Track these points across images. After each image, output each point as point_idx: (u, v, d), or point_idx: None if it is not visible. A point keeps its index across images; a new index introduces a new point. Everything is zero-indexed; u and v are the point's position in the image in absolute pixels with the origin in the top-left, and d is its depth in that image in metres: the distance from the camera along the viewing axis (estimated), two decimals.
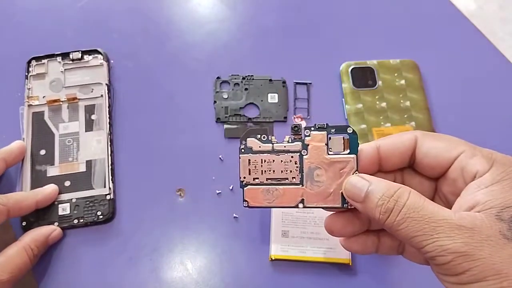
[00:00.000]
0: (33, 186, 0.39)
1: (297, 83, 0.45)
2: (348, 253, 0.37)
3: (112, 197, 0.39)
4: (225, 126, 0.43)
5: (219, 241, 0.38)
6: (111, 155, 0.40)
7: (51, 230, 0.37)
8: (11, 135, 0.41)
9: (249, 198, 0.27)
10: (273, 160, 0.27)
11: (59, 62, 0.44)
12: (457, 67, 0.46)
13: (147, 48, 0.46)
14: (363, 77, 0.44)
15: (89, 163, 0.40)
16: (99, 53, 0.44)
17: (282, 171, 0.27)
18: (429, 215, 0.22)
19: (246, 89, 0.44)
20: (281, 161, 0.27)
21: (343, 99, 0.43)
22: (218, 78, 0.45)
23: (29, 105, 0.42)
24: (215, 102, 0.43)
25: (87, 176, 0.40)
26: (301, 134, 0.27)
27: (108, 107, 0.42)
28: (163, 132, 0.43)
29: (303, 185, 0.26)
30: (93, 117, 0.42)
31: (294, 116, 0.43)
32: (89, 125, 0.42)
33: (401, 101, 0.43)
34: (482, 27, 0.48)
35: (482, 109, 0.44)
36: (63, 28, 0.47)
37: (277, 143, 0.27)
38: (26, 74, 0.43)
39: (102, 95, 0.43)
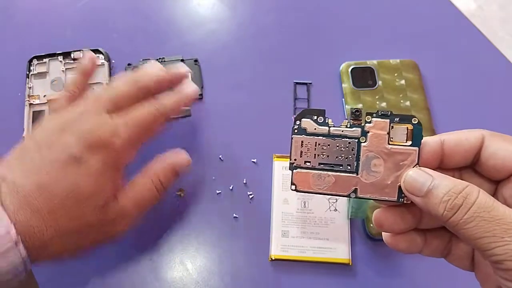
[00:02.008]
0: None
1: (297, 83, 0.45)
2: (348, 253, 0.37)
3: None
4: None
5: (219, 241, 0.38)
6: None
7: (179, 158, 0.35)
8: (11, 135, 0.41)
9: (298, 181, 0.25)
10: (328, 145, 0.25)
11: (60, 61, 0.44)
12: (457, 67, 0.46)
13: (147, 48, 0.46)
14: (363, 77, 0.44)
15: None
16: (100, 52, 0.44)
17: (336, 157, 0.25)
18: (500, 216, 0.21)
19: None
20: (337, 146, 0.25)
21: (343, 99, 0.43)
22: (129, 64, 0.45)
23: (30, 104, 0.42)
24: None
25: None
26: (361, 120, 0.25)
27: None
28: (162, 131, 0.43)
29: (358, 174, 0.25)
30: None
31: (294, 116, 0.43)
32: None
33: (401, 101, 0.43)
34: (482, 27, 0.48)
35: (482, 109, 0.44)
36: (63, 28, 0.47)
37: (334, 126, 0.25)
38: (27, 73, 0.43)
39: None
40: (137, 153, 0.33)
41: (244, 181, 0.40)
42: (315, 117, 0.25)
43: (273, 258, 0.36)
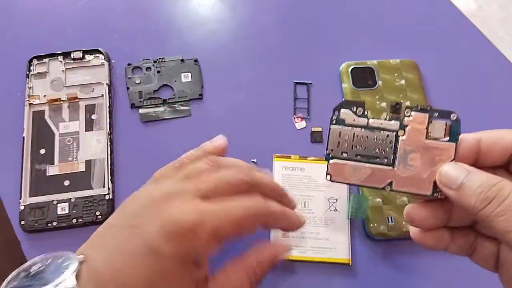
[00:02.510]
0: (33, 186, 0.39)
1: (297, 83, 0.45)
2: (348, 253, 0.37)
3: (111, 197, 0.39)
4: (140, 110, 0.43)
5: None
6: (110, 155, 0.40)
7: (280, 249, 0.30)
8: (11, 134, 0.41)
9: (333, 172, 0.25)
10: (367, 137, 0.25)
11: (60, 61, 0.44)
12: (457, 67, 0.46)
13: (147, 48, 0.46)
14: (363, 77, 0.44)
15: (88, 163, 0.40)
16: (101, 52, 0.44)
17: (374, 149, 0.25)
18: None
19: (158, 71, 0.44)
20: (375, 138, 0.25)
21: (343, 99, 0.43)
22: (129, 64, 0.45)
23: (30, 104, 0.42)
24: (128, 88, 0.44)
25: (87, 175, 0.40)
26: (400, 113, 0.25)
27: (109, 107, 0.42)
28: (162, 131, 0.43)
29: (394, 167, 0.25)
30: (93, 116, 0.42)
31: (294, 116, 0.43)
32: (89, 125, 0.42)
33: (401, 101, 0.43)
34: (482, 27, 0.48)
35: (482, 109, 0.44)
36: (63, 28, 0.47)
37: (373, 118, 0.25)
38: (27, 73, 0.43)
39: (102, 95, 0.43)
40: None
41: None
42: (355, 108, 0.25)
43: None
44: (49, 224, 0.38)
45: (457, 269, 0.34)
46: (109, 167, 0.40)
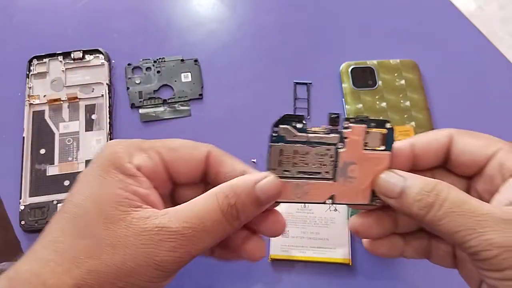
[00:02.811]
0: (33, 186, 0.39)
1: (297, 83, 0.45)
2: (348, 253, 0.37)
3: None
4: (140, 110, 0.43)
5: None
6: None
7: (259, 177, 0.24)
8: (11, 135, 0.41)
9: None
10: (307, 152, 0.24)
11: (60, 61, 0.44)
12: (457, 67, 0.46)
13: (147, 48, 0.46)
14: (363, 77, 0.44)
15: (88, 163, 0.40)
16: (100, 52, 0.44)
17: (315, 165, 0.24)
18: (472, 209, 0.21)
19: (158, 71, 0.45)
20: (316, 153, 0.24)
21: (343, 99, 0.43)
22: (129, 64, 0.45)
23: (30, 104, 0.42)
24: (128, 88, 0.44)
25: None
26: (338, 125, 0.24)
27: (109, 107, 0.42)
28: (162, 131, 0.43)
29: (335, 181, 0.24)
30: (93, 116, 0.42)
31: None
32: (89, 125, 0.42)
33: (401, 101, 0.43)
34: (482, 27, 0.48)
35: (482, 109, 0.44)
36: (63, 28, 0.47)
37: (313, 133, 0.24)
38: (27, 73, 0.43)
39: (102, 95, 0.43)
40: None
41: None
42: (294, 124, 0.24)
43: (273, 258, 0.36)
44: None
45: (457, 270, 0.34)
46: None
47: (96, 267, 0.21)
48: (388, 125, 0.25)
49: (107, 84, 0.43)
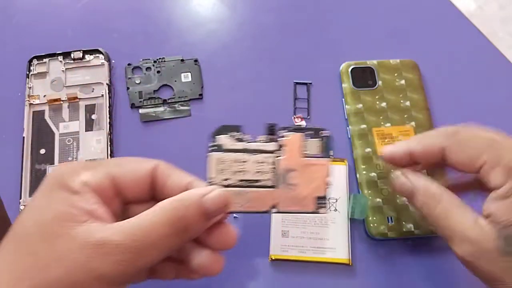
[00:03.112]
0: (33, 186, 0.39)
1: (297, 83, 0.45)
2: (348, 253, 0.37)
3: None
4: (140, 110, 0.43)
5: None
6: (110, 155, 0.40)
7: (207, 190, 0.24)
8: (11, 135, 0.41)
9: None
10: (246, 161, 0.25)
11: (60, 61, 0.44)
12: (457, 67, 0.46)
13: (147, 48, 0.46)
14: (363, 77, 0.44)
15: None
16: (101, 52, 0.44)
17: (255, 173, 0.25)
18: (452, 225, 0.26)
19: (158, 71, 0.45)
20: (255, 161, 0.25)
21: (343, 99, 0.43)
22: (129, 64, 0.45)
23: (30, 104, 0.42)
24: (128, 88, 0.44)
25: None
26: (276, 134, 0.26)
27: (109, 107, 0.42)
28: (162, 131, 0.43)
29: (276, 188, 0.25)
30: (93, 116, 0.42)
31: (294, 116, 0.43)
32: (89, 125, 0.42)
33: (401, 101, 0.43)
34: (482, 27, 0.48)
35: (482, 109, 0.44)
36: (63, 28, 0.47)
37: (251, 142, 0.25)
38: (27, 73, 0.43)
39: (102, 95, 0.43)
40: None
41: None
42: (232, 133, 0.26)
43: (273, 258, 0.36)
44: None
45: (458, 270, 0.34)
46: None
47: (39, 283, 0.21)
48: (324, 133, 0.26)
49: (107, 84, 0.43)
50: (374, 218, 0.38)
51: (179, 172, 0.27)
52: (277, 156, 0.25)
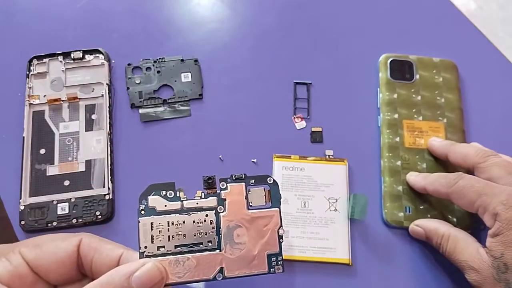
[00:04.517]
0: (33, 186, 0.39)
1: (297, 83, 0.45)
2: (348, 253, 0.37)
3: (111, 197, 0.39)
4: (140, 110, 0.43)
5: None
6: (110, 155, 0.40)
7: (135, 267, 0.22)
8: (11, 135, 0.41)
9: None
10: (183, 222, 0.22)
11: (60, 61, 0.44)
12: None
13: (147, 48, 0.46)
14: (401, 70, 0.44)
15: (88, 163, 0.40)
16: (101, 52, 0.44)
17: (195, 235, 0.22)
18: (460, 258, 0.33)
19: (158, 71, 0.45)
20: (193, 221, 0.22)
21: (378, 89, 0.44)
22: (129, 64, 0.45)
23: (30, 104, 0.42)
24: (128, 88, 0.44)
25: (87, 176, 0.40)
26: (215, 188, 0.23)
27: (109, 107, 0.42)
28: (162, 131, 0.43)
29: (221, 250, 0.22)
30: (93, 116, 0.42)
31: (294, 116, 0.43)
32: (89, 125, 0.42)
33: (437, 97, 0.43)
34: (482, 27, 0.48)
35: (482, 109, 0.44)
36: (63, 28, 0.47)
37: (187, 199, 0.23)
38: (27, 73, 0.43)
39: (102, 95, 0.43)
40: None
41: None
42: (164, 193, 0.22)
43: None
44: (49, 224, 0.38)
45: (457, 269, 0.34)
46: (109, 167, 0.40)
47: None
48: (270, 180, 0.23)
49: (107, 84, 0.43)
50: (393, 205, 0.38)
51: (107, 244, 0.24)
52: (219, 212, 0.22)
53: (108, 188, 0.39)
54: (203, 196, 0.22)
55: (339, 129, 0.43)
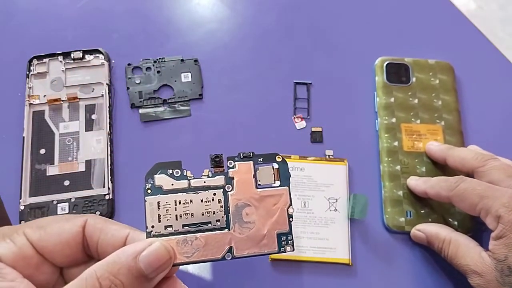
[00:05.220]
0: (33, 186, 0.39)
1: (297, 83, 0.45)
2: (348, 253, 0.37)
3: (111, 197, 0.39)
4: (140, 110, 0.43)
5: None
6: (110, 155, 0.40)
7: (141, 247, 0.21)
8: (11, 135, 0.41)
9: None
10: (191, 200, 0.22)
11: (60, 61, 0.44)
12: (456, 67, 0.46)
13: (147, 48, 0.46)
14: (398, 73, 0.44)
15: (88, 163, 0.40)
16: (101, 52, 0.44)
17: (203, 214, 0.21)
18: (463, 262, 0.32)
19: (158, 71, 0.45)
20: (201, 200, 0.22)
21: (375, 92, 0.43)
22: (129, 64, 0.45)
23: (30, 104, 0.42)
24: (128, 88, 0.44)
25: (87, 176, 0.40)
26: (223, 166, 0.22)
27: (109, 107, 0.42)
28: (162, 131, 0.43)
29: (230, 229, 0.22)
30: (93, 116, 0.42)
31: (294, 116, 0.43)
32: (89, 125, 0.42)
33: (434, 100, 0.43)
34: (482, 27, 0.48)
35: (482, 110, 0.44)
36: (63, 28, 0.47)
37: (194, 178, 0.22)
38: (27, 73, 0.43)
39: (102, 95, 0.43)
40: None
41: None
42: (171, 171, 0.22)
43: (273, 258, 0.36)
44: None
45: (460, 275, 0.34)
46: (109, 167, 0.40)
47: None
48: (278, 158, 0.23)
49: (107, 84, 0.43)
50: (394, 209, 0.38)
51: (112, 224, 0.23)
52: (227, 191, 0.22)
53: (108, 188, 0.39)
54: (210, 175, 0.22)
55: (339, 129, 0.43)
